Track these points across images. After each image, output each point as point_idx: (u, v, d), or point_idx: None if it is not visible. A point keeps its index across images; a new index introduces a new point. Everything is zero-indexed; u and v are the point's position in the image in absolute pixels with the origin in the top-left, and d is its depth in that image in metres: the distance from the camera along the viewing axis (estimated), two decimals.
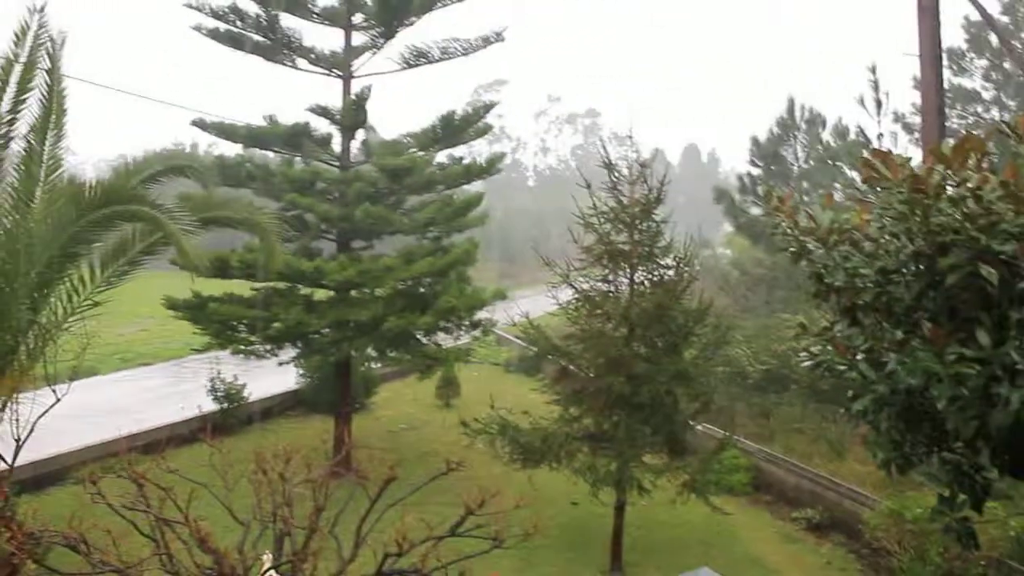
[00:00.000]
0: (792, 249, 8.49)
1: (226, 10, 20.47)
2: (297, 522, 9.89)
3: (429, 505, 12.61)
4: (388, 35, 21.30)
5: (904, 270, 7.69)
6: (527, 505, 10.21)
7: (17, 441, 15.93)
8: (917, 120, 36.94)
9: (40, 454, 19.38)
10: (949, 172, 7.34)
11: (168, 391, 30.03)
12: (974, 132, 8.55)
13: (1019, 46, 40.14)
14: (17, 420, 15.32)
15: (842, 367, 8.17)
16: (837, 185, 30.57)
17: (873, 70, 22.44)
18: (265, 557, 10.61)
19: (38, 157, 13.43)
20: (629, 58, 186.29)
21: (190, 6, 20.54)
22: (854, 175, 29.99)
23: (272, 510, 9.84)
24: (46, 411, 16.58)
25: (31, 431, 16.21)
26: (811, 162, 35.37)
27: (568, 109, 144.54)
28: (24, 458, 16.96)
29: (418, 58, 21.81)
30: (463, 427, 17.36)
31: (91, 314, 14.07)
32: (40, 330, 13.52)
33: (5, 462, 14.12)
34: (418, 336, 21.40)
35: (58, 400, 17.22)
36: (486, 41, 21.70)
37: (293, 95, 22.97)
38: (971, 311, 7.23)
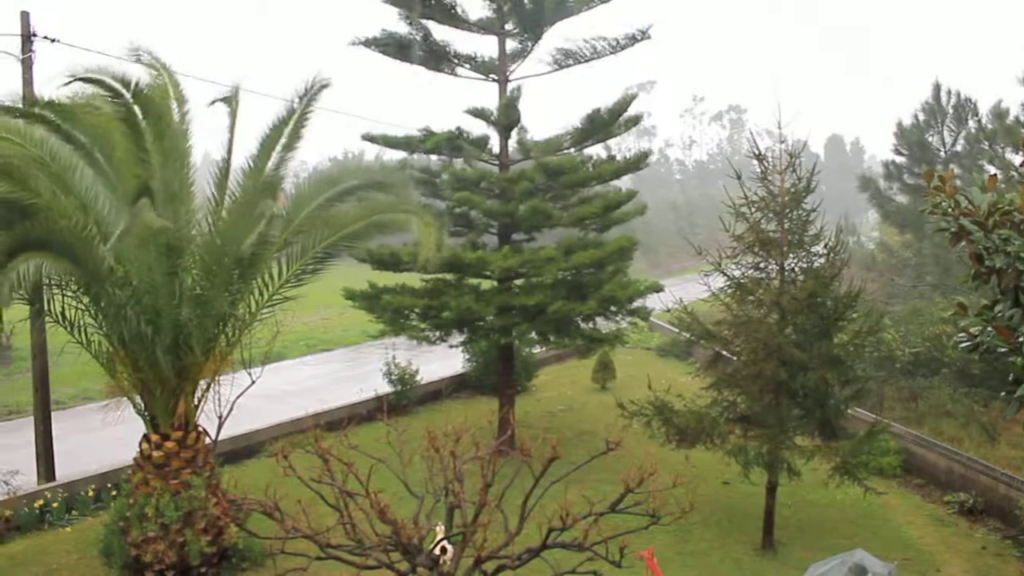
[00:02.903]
0: (951, 230, 7.97)
1: (388, 38, 20.94)
2: (467, 496, 9.92)
3: (589, 482, 12.51)
4: (536, 38, 21.23)
5: None
6: (682, 484, 9.95)
7: (220, 418, 16.76)
8: None
9: (238, 430, 20.22)
10: None
11: (347, 374, 30.96)
12: None
13: None
14: (219, 400, 16.10)
15: (1003, 349, 7.62)
16: (991, 168, 28.89)
17: None
18: (438, 528, 10.72)
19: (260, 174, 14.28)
20: (772, 54, 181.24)
21: (356, 42, 21.11)
22: (1012, 158, 28.26)
23: (444, 485, 9.91)
24: (243, 392, 17.42)
25: (231, 410, 17.05)
26: (960, 146, 33.52)
27: (714, 106, 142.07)
28: (225, 433, 17.83)
29: (567, 58, 21.65)
30: (620, 408, 17.18)
31: (279, 306, 14.59)
32: (237, 321, 14.07)
33: (210, 437, 14.79)
34: (578, 322, 21.31)
35: (253, 382, 18.09)
36: (632, 39, 21.31)
37: (445, 103, 23.25)
38: None
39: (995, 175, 9.43)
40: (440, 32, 21.36)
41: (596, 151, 23.39)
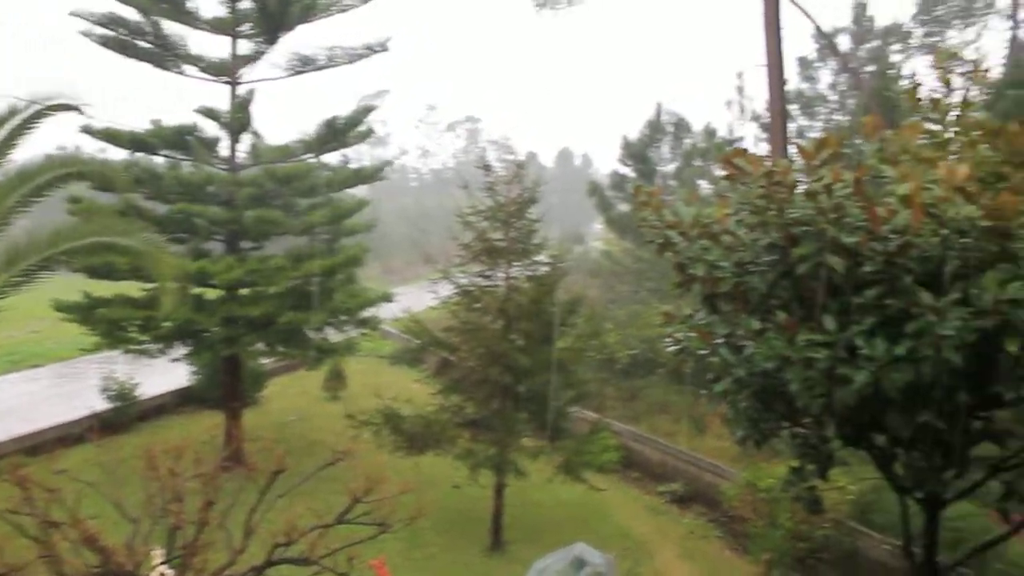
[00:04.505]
0: (658, 241, 8.56)
1: (109, 18, 19.56)
2: (188, 517, 9.46)
3: (319, 494, 12.27)
4: (271, 41, 20.68)
5: (759, 261, 7.81)
6: (411, 490, 10.03)
7: None
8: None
9: None
10: (805, 168, 7.49)
11: (57, 391, 28.59)
12: (831, 132, 8.76)
13: (864, 54, 41.91)
14: None
15: (703, 351, 8.28)
16: (703, 182, 31.32)
17: (739, 76, 23.07)
18: (155, 552, 10.13)
19: None
20: (506, 67, 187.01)
21: (77, 15, 19.55)
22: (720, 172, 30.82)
23: (163, 506, 9.40)
24: None
25: None
26: (677, 162, 36.25)
27: (449, 116, 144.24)
28: None
29: (304, 64, 21.25)
30: (349, 418, 17.09)
31: None
32: None
33: None
34: (307, 332, 20.90)
35: None
36: (370, 49, 21.26)
37: (184, 105, 21.97)
38: (819, 298, 7.38)
39: (695, 190, 10.23)
40: (171, 28, 20.28)
41: (331, 159, 23.06)
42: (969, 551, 10.73)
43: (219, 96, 20.65)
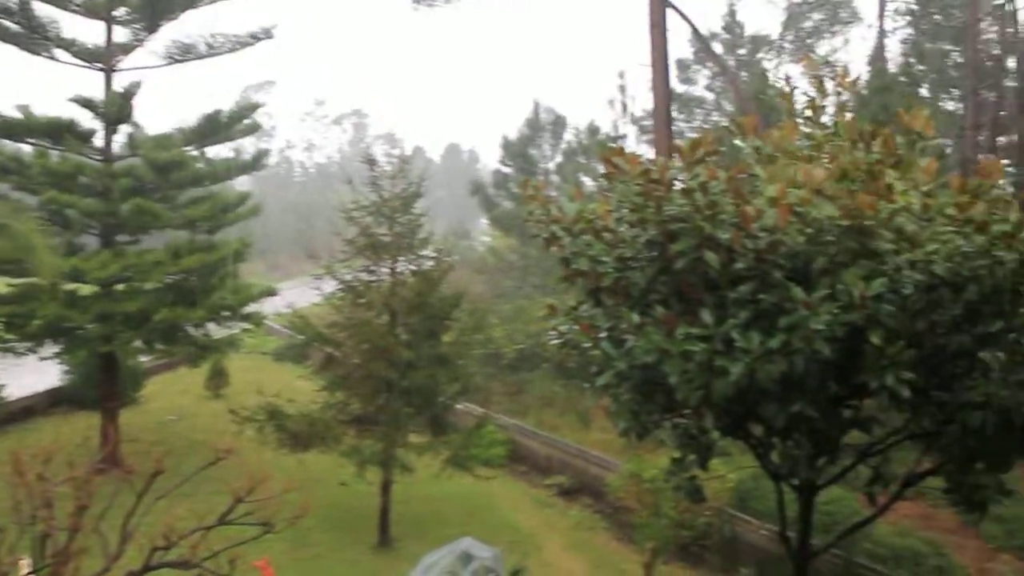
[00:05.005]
0: (544, 236, 8.67)
1: None
2: (59, 523, 9.08)
3: (200, 496, 11.98)
4: (151, 29, 20.00)
5: (639, 257, 8.00)
6: (296, 489, 9.85)
7: None
8: (650, 123, 39.17)
9: None
10: (683, 167, 7.70)
11: None
12: (707, 132, 9.03)
13: (734, 61, 43.24)
14: None
15: (586, 345, 8.42)
16: (587, 179, 31.81)
17: (621, 75, 23.50)
18: (22, 562, 9.69)
19: None
20: (395, 62, 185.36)
21: None
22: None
23: (31, 512, 8.99)
24: None
25: None
26: (559, 158, 36.76)
27: (336, 110, 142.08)
28: None
29: (183, 53, 20.60)
30: (232, 415, 16.72)
31: None
32: None
33: None
34: (188, 328, 20.31)
35: None
36: (254, 37, 20.74)
37: (59, 91, 20.94)
38: (696, 293, 7.60)
39: (579, 185, 10.35)
40: (42, 10, 19.30)
41: (213, 151, 22.47)
42: (840, 533, 11.25)
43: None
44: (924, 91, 31.67)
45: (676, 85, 42.23)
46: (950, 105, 33.85)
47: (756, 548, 16.32)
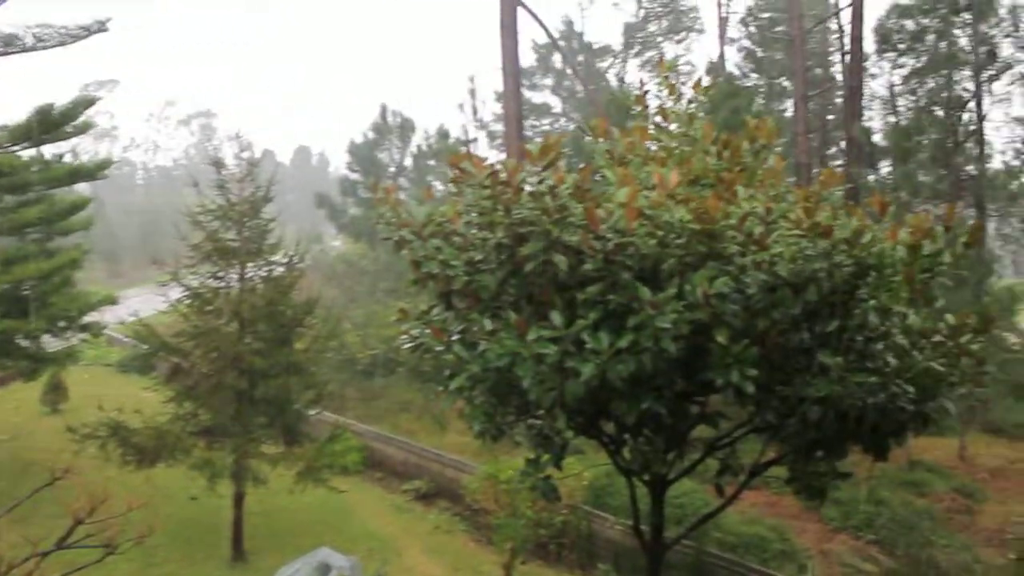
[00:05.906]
0: (394, 239, 8.60)
1: None
2: None
3: (37, 519, 11.39)
4: None
5: (489, 260, 8.03)
6: (143, 506, 9.41)
7: None
8: (499, 128, 39.62)
9: None
10: (533, 171, 7.76)
11: None
12: (558, 135, 9.15)
13: (570, 70, 44.19)
14: None
15: (439, 348, 8.39)
16: (437, 183, 31.83)
17: (471, 79, 23.68)
18: None
19: None
20: (244, 64, 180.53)
21: None
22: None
23: None
24: None
25: None
26: (408, 162, 36.76)
27: (184, 110, 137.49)
28: None
29: (5, 44, 19.37)
30: (71, 432, 15.86)
31: None
32: None
33: None
34: (20, 341, 19.16)
35: None
36: (87, 30, 19.68)
37: None
38: (546, 295, 7.68)
39: (430, 188, 10.32)
40: None
41: (48, 151, 21.23)
42: (691, 525, 11.61)
43: None
44: (760, 99, 33.08)
45: (523, 92, 43.03)
46: (788, 111, 35.43)
47: (612, 543, 16.67)
